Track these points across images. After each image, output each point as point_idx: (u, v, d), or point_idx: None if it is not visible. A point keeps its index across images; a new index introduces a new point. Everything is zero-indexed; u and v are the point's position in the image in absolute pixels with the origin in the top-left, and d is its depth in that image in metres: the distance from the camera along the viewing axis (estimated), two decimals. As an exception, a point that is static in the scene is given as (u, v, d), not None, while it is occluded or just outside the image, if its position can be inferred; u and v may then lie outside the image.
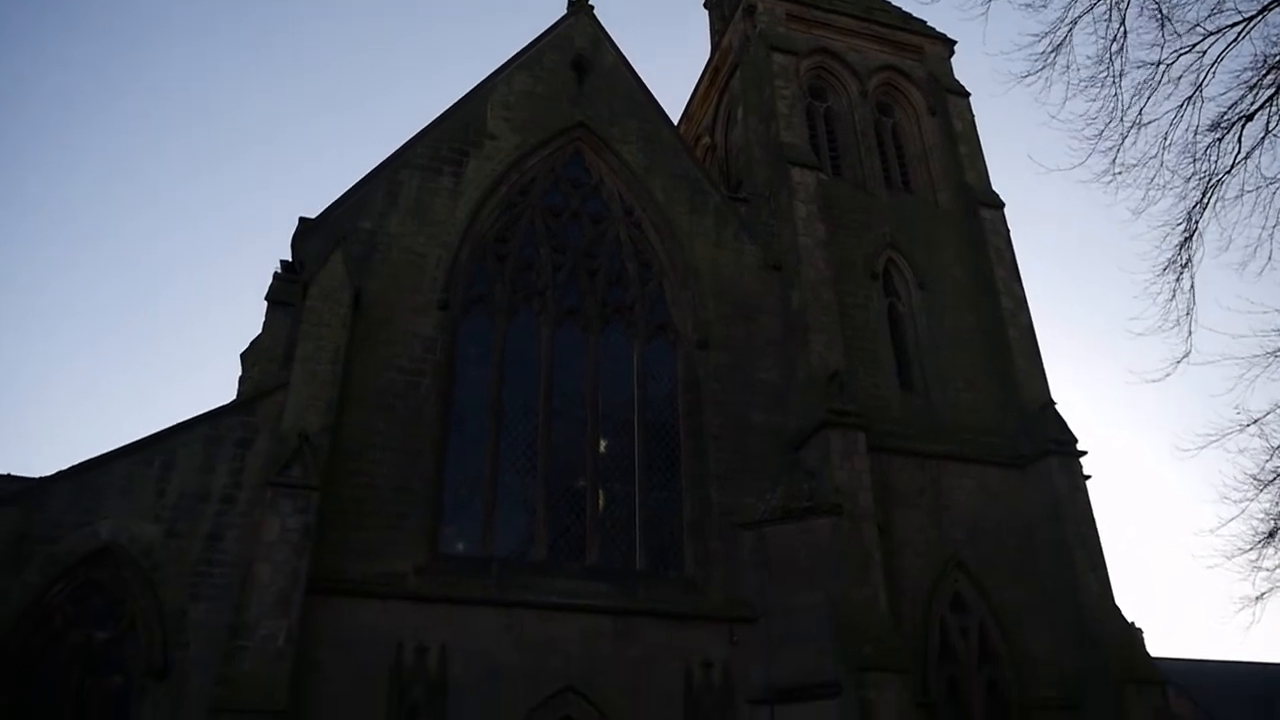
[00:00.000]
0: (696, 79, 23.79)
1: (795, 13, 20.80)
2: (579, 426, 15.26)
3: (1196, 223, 10.13)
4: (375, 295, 14.80)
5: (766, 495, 14.87)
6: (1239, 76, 9.78)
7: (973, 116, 20.92)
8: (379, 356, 14.36)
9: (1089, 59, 11.05)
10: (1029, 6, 10.60)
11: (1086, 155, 10.51)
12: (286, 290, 14.78)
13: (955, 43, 22.14)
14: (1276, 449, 11.03)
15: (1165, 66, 9.85)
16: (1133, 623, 15.69)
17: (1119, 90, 10.13)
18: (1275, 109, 9.59)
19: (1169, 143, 10.12)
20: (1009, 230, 19.18)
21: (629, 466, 15.20)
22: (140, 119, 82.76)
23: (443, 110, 17.01)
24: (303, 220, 15.24)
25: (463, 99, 17.20)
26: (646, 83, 18.71)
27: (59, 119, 75.97)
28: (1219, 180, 9.99)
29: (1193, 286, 10.37)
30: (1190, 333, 10.39)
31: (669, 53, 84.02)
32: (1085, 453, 16.33)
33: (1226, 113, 9.82)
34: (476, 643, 12.72)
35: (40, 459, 79.34)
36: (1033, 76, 10.60)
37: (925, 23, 22.21)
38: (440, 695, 12.24)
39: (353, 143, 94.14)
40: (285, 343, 14.13)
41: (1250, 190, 10.18)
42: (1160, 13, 9.77)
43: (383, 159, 16.09)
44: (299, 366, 13.37)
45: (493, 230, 16.28)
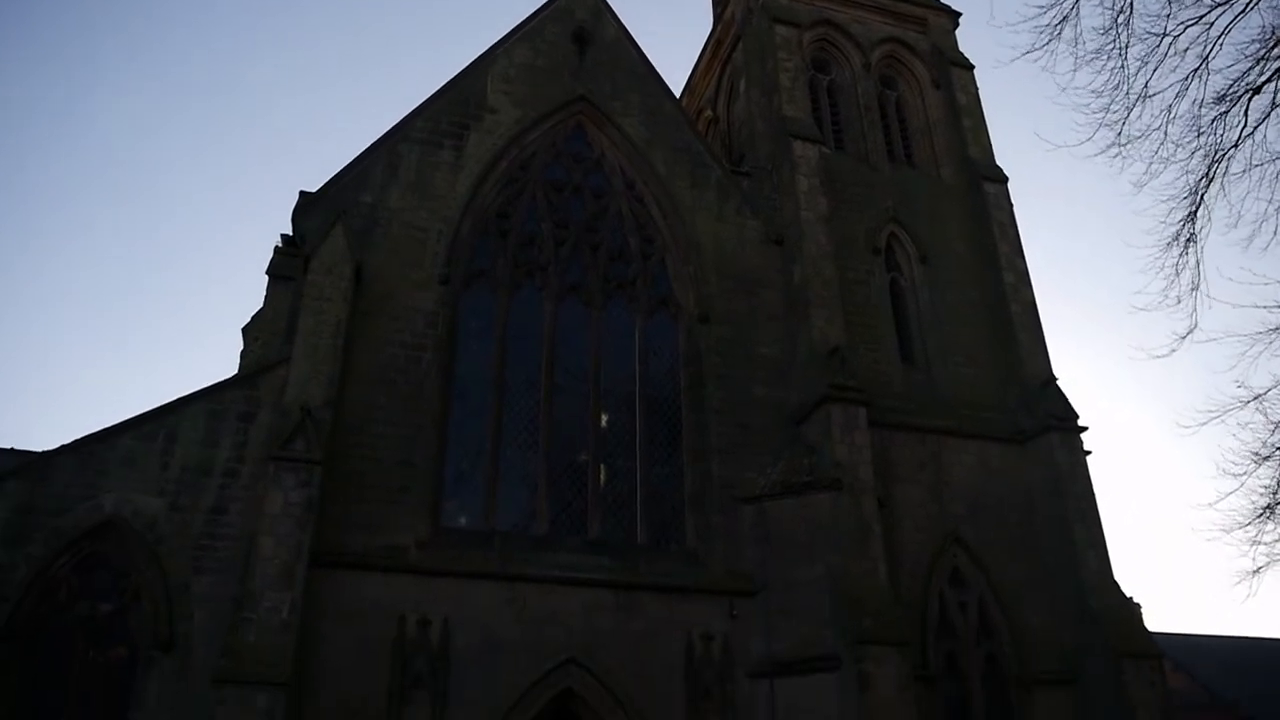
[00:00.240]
0: (698, 52, 23.61)
1: (798, -16, 20.59)
2: (581, 401, 15.29)
3: (1201, 197, 10.03)
4: (376, 270, 14.77)
5: (767, 470, 14.91)
6: (1246, 49, 9.65)
7: (977, 90, 20.75)
8: (380, 331, 14.36)
9: (1095, 30, 10.91)
10: (1037, -23, 10.45)
11: (1094, 130, 10.39)
12: (287, 264, 14.78)
13: (960, 15, 21.93)
14: (1277, 425, 11.01)
15: (1172, 39, 9.72)
16: (1131, 598, 15.79)
17: (1125, 63, 10.02)
18: (1283, 82, 9.49)
19: (1174, 116, 10.01)
20: (1012, 205, 19.08)
21: (630, 441, 15.24)
22: (140, 93, 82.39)
23: (443, 83, 16.90)
24: (303, 194, 15.20)
25: (462, 72, 17.07)
26: (648, 55, 18.59)
27: (59, 93, 75.63)
28: (1225, 154, 9.89)
29: (1198, 262, 10.31)
30: (1195, 308, 10.34)
31: (671, 25, 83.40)
32: (1086, 429, 16.37)
33: (1233, 85, 9.70)
34: (478, 616, 12.82)
35: (43, 434, 79.67)
36: (1038, 50, 10.48)
37: (930, -6, 22.00)
38: (442, 667, 12.35)
39: (353, 116, 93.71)
40: (287, 317, 14.14)
41: (1257, 165, 10.09)
42: (1168, -18, 9.64)
43: (383, 133, 16.03)
44: (301, 340, 13.37)
45: (494, 205, 16.22)
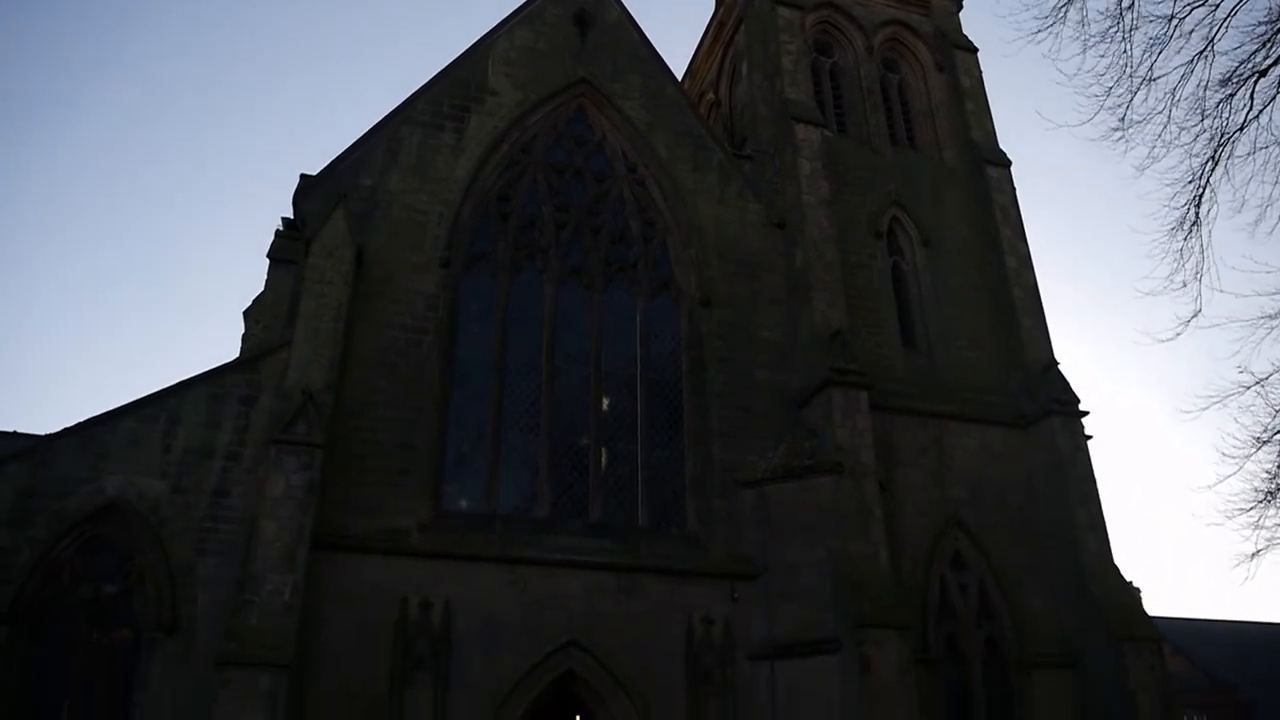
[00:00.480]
0: (700, 34, 23.47)
1: (801, -34, 20.42)
2: (582, 384, 15.28)
3: (1206, 181, 9.98)
4: (377, 253, 14.74)
5: (769, 453, 14.92)
6: (1252, 31, 9.57)
7: (980, 73, 20.63)
8: (381, 314, 14.34)
9: (1100, 14, 10.83)
10: (1041, -40, 10.36)
11: (1095, 111, 10.35)
12: (288, 248, 14.77)
13: (964, -3, 21.80)
14: (1279, 410, 11.01)
15: (1177, 20, 9.64)
16: (1131, 582, 15.85)
17: (1129, 45, 9.95)
18: (1290, 64, 9.40)
19: (1178, 99, 9.92)
20: (1015, 188, 19.01)
21: (632, 424, 15.24)
22: (141, 77, 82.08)
23: (444, 66, 16.82)
24: (304, 177, 15.15)
25: (463, 54, 16.97)
26: (650, 38, 18.46)
27: (59, 77, 75.35)
28: (1230, 138, 9.83)
29: (1203, 247, 10.27)
30: (1200, 293, 10.31)
31: (673, 7, 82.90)
32: (1087, 413, 16.37)
33: (1239, 68, 9.61)
34: (480, 598, 12.86)
35: (45, 417, 79.86)
36: (1044, 32, 10.41)
37: (933, -24, 21.83)
38: (444, 649, 12.41)
39: (354, 99, 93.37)
40: (288, 300, 14.15)
41: (1262, 148, 10.03)
42: (1174, -37, 9.55)
43: (384, 115, 15.96)
44: (302, 324, 13.35)
45: (495, 188, 16.16)
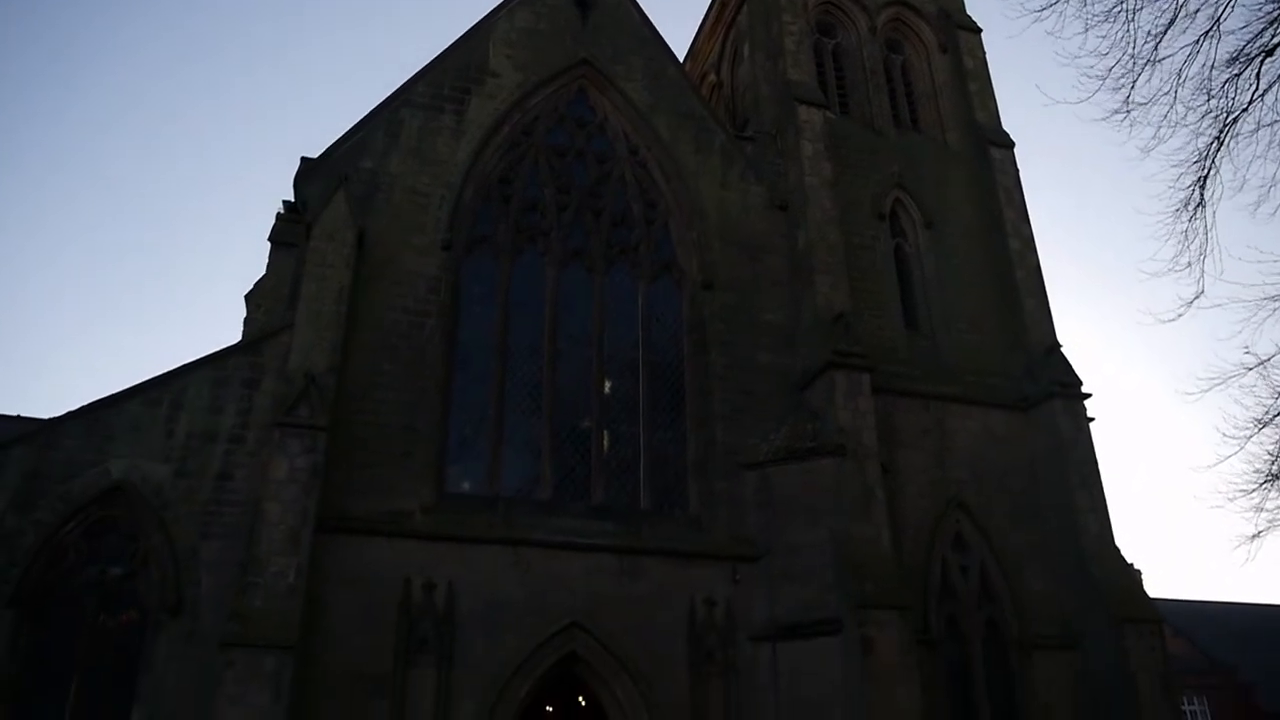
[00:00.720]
0: (702, 15, 23.30)
1: (804, -55, 20.26)
2: (584, 367, 15.28)
3: (1212, 161, 9.92)
4: (378, 236, 14.71)
5: (771, 435, 14.93)
6: (1259, 9, 9.49)
7: (984, 54, 20.49)
8: (383, 297, 14.33)
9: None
10: (1047, -64, 10.27)
11: (1095, 90, 10.28)
12: (289, 231, 14.75)
13: (968, -23, 21.64)
14: None
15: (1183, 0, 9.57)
16: (1132, 564, 15.87)
17: (1134, 25, 9.87)
18: (1298, 43, 9.32)
19: (1184, 79, 9.85)
20: (1018, 170, 18.93)
21: (634, 407, 15.25)
22: (142, 61, 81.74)
23: (444, 47, 16.72)
24: (305, 160, 15.10)
25: (464, 35, 16.86)
26: (651, 18, 18.33)
27: (59, 66, 75.06)
28: (1235, 118, 9.76)
29: (1207, 227, 10.22)
30: (1203, 274, 10.27)
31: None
32: (1089, 395, 16.37)
33: (1245, 47, 9.54)
34: (483, 580, 12.91)
35: (48, 401, 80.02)
36: (1048, 10, 10.33)
37: (937, -45, 21.64)
38: (448, 631, 12.47)
39: (355, 81, 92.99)
40: (290, 283, 14.13)
41: (1266, 125, 9.96)
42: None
43: (384, 97, 15.88)
44: (303, 307, 13.35)
45: (496, 170, 16.11)
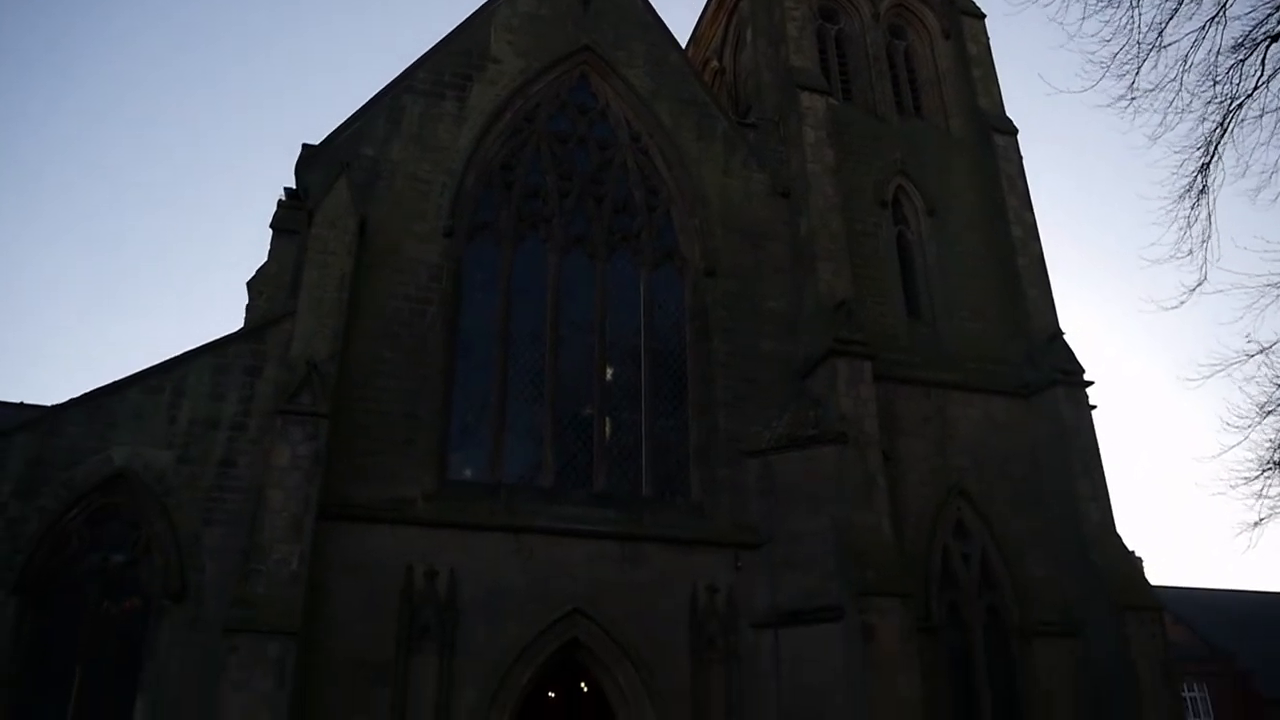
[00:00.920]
0: (704, 0, 23.18)
1: (806, -70, 20.13)
2: (586, 354, 15.28)
3: (1215, 147, 9.86)
4: (380, 223, 14.68)
5: (773, 423, 14.94)
6: (1265, -5, 9.43)
7: (988, 39, 20.40)
8: (385, 284, 14.32)
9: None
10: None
11: (1099, 77, 10.21)
12: (291, 218, 14.73)
13: (971, -38, 21.50)
14: None
15: None
16: (1133, 552, 15.90)
17: (1138, 10, 9.80)
18: (1304, 29, 9.25)
19: (1189, 65, 9.80)
20: (1021, 157, 18.86)
21: (636, 394, 15.25)
22: (141, 47, 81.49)
23: (445, 33, 16.65)
24: (306, 147, 15.06)
25: (465, 22, 16.78)
26: (653, 4, 18.22)
27: (58, 53, 74.85)
28: (1240, 104, 9.70)
29: (1210, 214, 10.18)
30: (1206, 260, 10.23)
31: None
32: (1092, 383, 16.35)
33: (1251, 32, 9.49)
34: (485, 567, 12.94)
35: (50, 389, 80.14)
36: None
37: (940, -60, 21.50)
38: (450, 617, 12.51)
39: (356, 67, 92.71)
40: (291, 271, 14.13)
41: (1271, 111, 9.90)
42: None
43: (385, 84, 15.83)
44: (305, 294, 13.34)
45: (498, 157, 16.06)
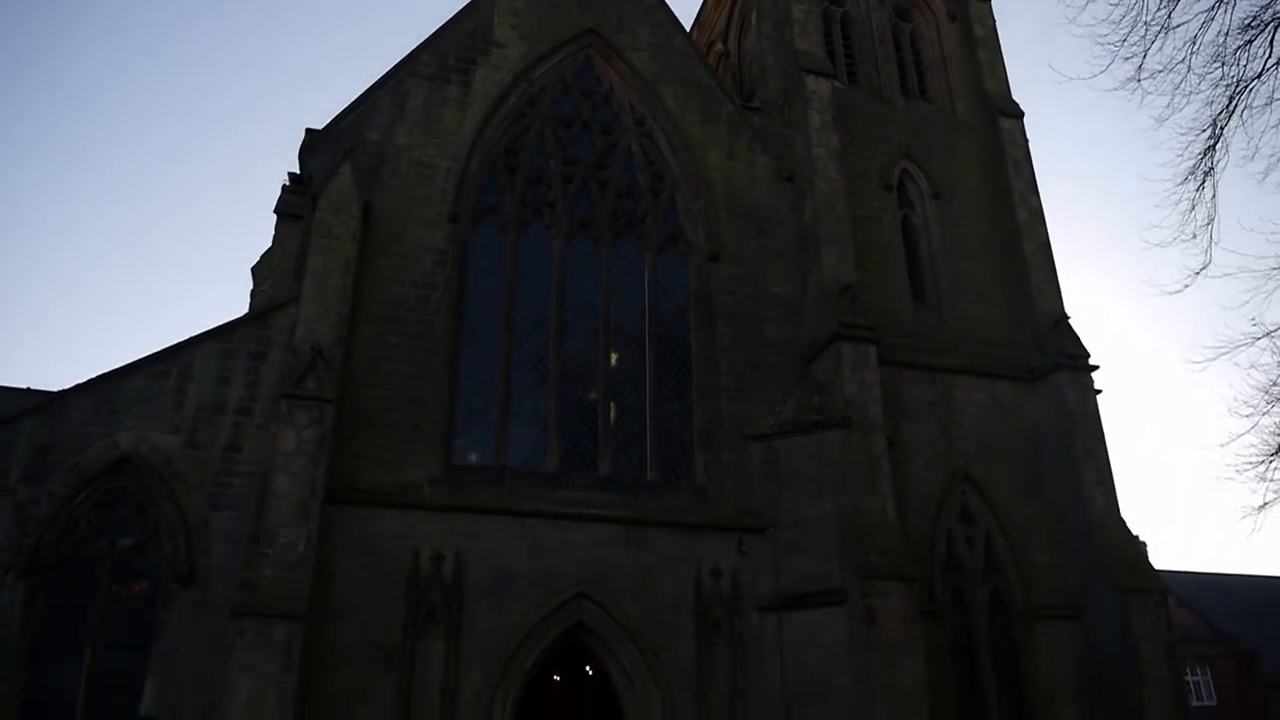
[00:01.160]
0: (710, -17, 23.06)
1: (812, -89, 19.96)
2: (590, 339, 15.28)
3: (1221, 130, 9.79)
4: (385, 208, 14.68)
5: (777, 407, 14.95)
6: (1274, -25, 9.34)
7: (994, 21, 20.28)
8: (390, 269, 14.33)
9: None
10: (1058, -99, 10.11)
11: (1109, 62, 10.13)
12: (295, 203, 14.71)
13: (977, -57, 21.32)
14: None
15: None
16: (1137, 535, 15.90)
17: None
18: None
19: (1198, 46, 9.73)
20: (1027, 140, 18.77)
21: (640, 379, 15.27)
22: (142, 37, 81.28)
23: (449, 17, 16.60)
24: (310, 132, 15.04)
25: (468, 5, 16.71)
26: (658, -13, 18.15)
27: (61, 29, 74.70)
28: (1247, 85, 9.63)
29: (1214, 196, 10.13)
30: (1210, 243, 10.19)
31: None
32: (1097, 367, 16.33)
33: (1260, 13, 9.42)
34: (491, 551, 13.01)
35: (58, 374, 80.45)
36: None
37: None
38: (456, 601, 12.59)
39: (360, 51, 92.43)
40: (296, 256, 14.12)
41: (1279, 98, 9.83)
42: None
43: (389, 68, 15.79)
44: (310, 279, 13.36)
45: (502, 141, 16.03)
